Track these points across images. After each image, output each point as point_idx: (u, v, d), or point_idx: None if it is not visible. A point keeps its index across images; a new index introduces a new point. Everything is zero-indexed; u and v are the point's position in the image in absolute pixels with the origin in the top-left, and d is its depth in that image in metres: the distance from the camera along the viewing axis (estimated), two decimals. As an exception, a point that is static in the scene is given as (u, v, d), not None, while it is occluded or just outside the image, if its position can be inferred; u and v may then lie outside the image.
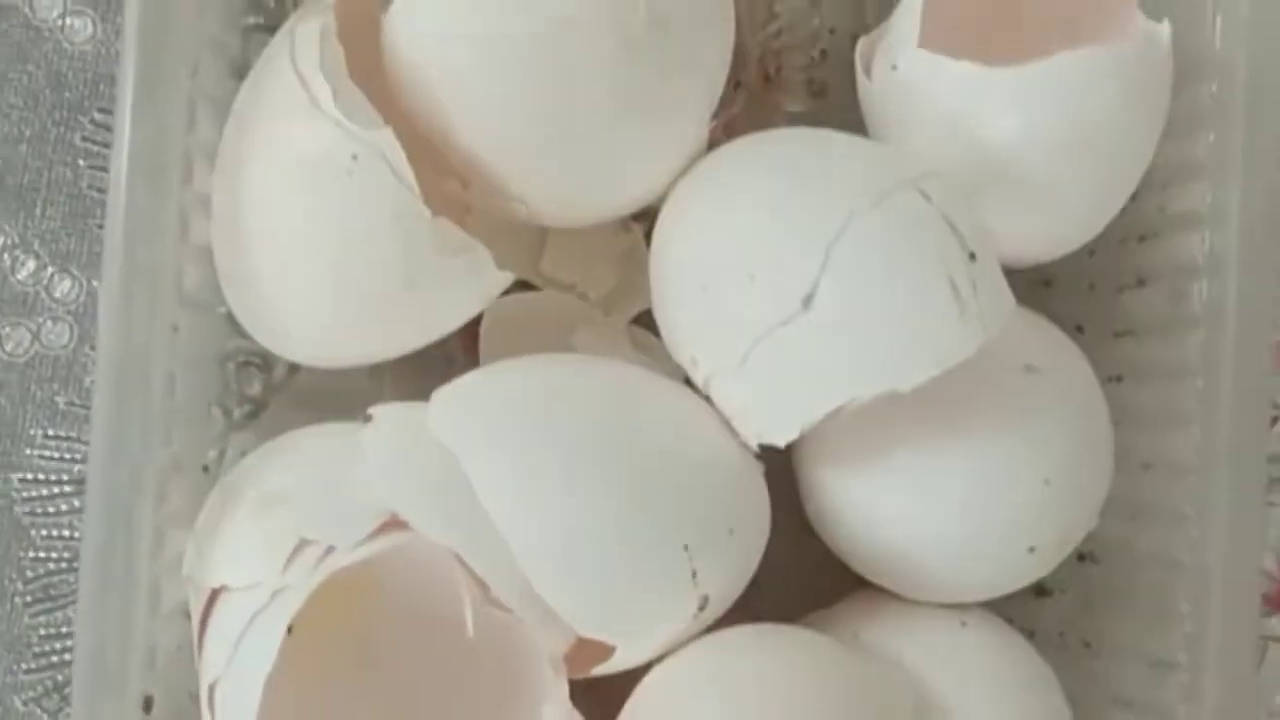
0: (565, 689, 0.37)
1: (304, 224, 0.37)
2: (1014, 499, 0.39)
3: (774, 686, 0.37)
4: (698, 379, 0.39)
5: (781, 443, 0.37)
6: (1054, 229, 0.41)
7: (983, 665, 0.40)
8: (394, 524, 0.37)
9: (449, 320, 0.39)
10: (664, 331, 0.40)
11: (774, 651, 0.39)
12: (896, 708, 0.39)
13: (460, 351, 0.42)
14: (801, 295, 0.36)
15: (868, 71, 0.41)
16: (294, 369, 0.43)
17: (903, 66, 0.40)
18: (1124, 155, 0.40)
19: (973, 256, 0.37)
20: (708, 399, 0.39)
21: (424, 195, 0.36)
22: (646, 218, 0.42)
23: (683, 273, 0.39)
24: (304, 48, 0.37)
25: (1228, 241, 0.40)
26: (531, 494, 0.36)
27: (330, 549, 0.37)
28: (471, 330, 0.41)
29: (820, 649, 0.39)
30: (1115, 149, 0.40)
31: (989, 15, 0.42)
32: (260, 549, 0.37)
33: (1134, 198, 0.42)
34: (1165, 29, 0.39)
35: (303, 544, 0.37)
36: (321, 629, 0.39)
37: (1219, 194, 0.40)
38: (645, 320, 0.43)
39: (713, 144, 0.43)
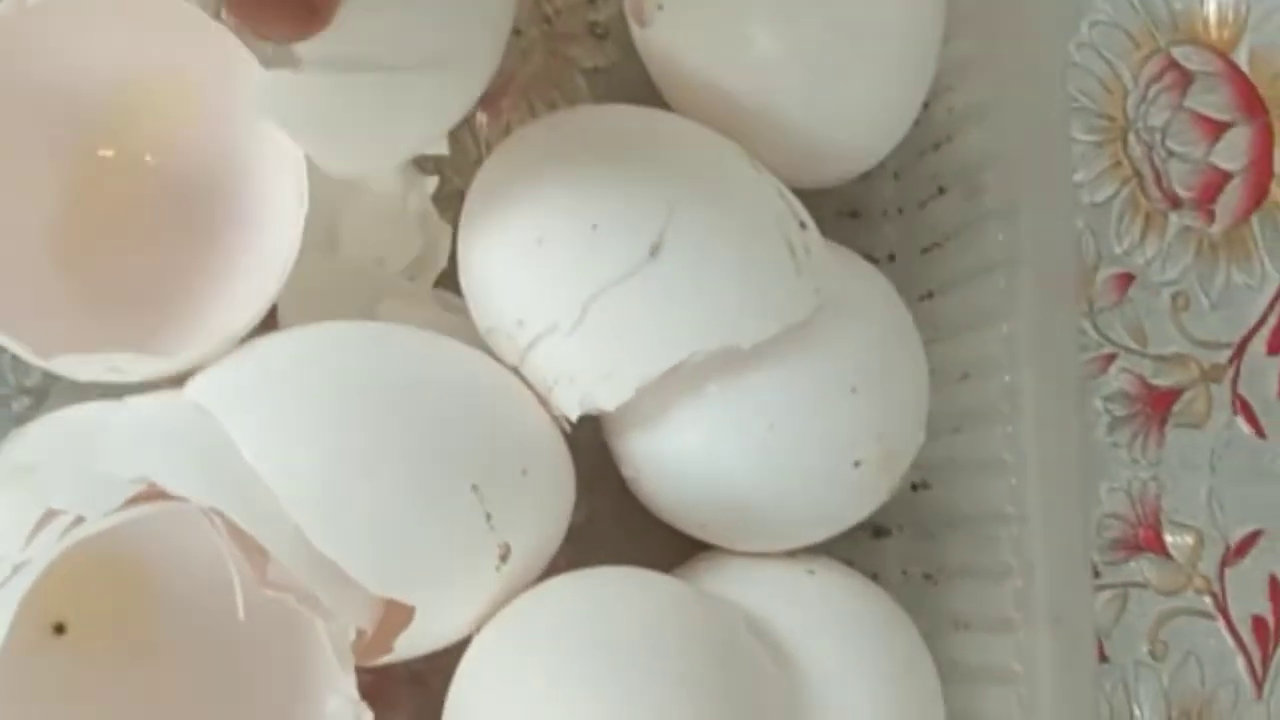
0: (352, 678, 0.35)
1: None
2: (823, 411, 0.38)
3: (627, 629, 0.36)
4: (517, 344, 0.38)
5: (612, 406, 0.37)
6: (855, 139, 0.41)
7: (835, 611, 0.40)
8: (152, 496, 0.35)
9: None
10: (478, 297, 0.39)
11: (619, 593, 0.38)
12: (754, 652, 0.38)
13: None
14: (648, 245, 0.36)
15: (639, 20, 0.41)
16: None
17: (668, 5, 0.40)
18: (907, 54, 0.41)
19: (803, 225, 0.38)
20: (517, 372, 0.38)
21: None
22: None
23: (512, 228, 0.38)
24: None
25: (1017, 130, 0.40)
26: (295, 439, 0.35)
27: (78, 519, 0.35)
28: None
29: (667, 589, 0.38)
30: (899, 46, 0.40)
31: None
32: (3, 522, 0.35)
33: (926, 106, 0.42)
34: None
35: (49, 515, 0.35)
36: (94, 628, 0.38)
37: (1002, 84, 0.40)
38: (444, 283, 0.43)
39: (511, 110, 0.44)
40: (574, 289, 0.37)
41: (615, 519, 0.42)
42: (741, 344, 0.36)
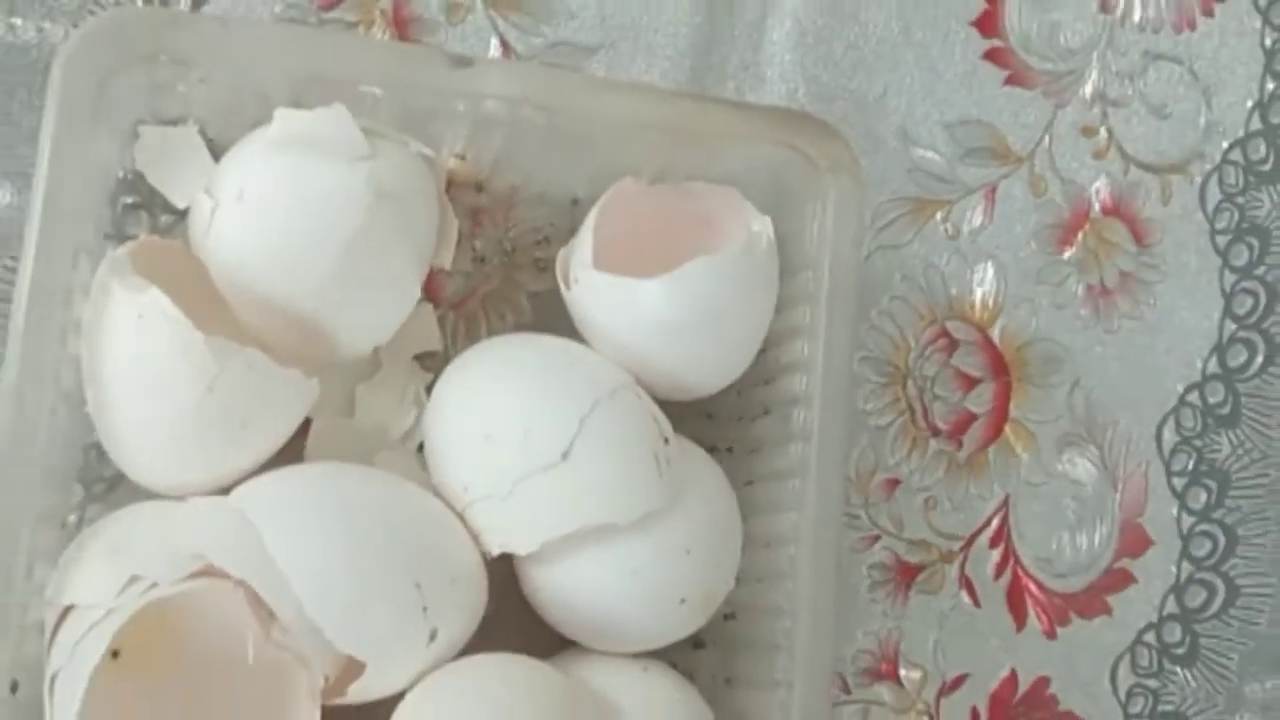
0: (318, 713, 0.44)
1: (123, 383, 0.44)
2: (666, 564, 0.47)
3: (513, 698, 0.44)
4: (461, 500, 0.47)
5: (524, 553, 0.46)
6: (706, 377, 0.51)
7: (661, 702, 0.48)
8: (207, 573, 0.43)
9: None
10: (437, 463, 0.48)
11: (510, 673, 0.46)
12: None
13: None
14: (561, 450, 0.46)
15: (565, 282, 0.50)
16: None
17: (583, 281, 0.49)
18: (746, 324, 0.50)
19: (666, 440, 0.48)
20: (459, 515, 0.47)
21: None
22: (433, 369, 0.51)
23: (467, 425, 0.47)
24: (108, 263, 0.44)
25: (815, 382, 0.49)
26: (301, 539, 0.43)
27: (153, 584, 0.42)
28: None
29: (542, 673, 0.47)
30: (739, 321, 0.50)
31: (647, 230, 0.51)
32: (103, 580, 0.42)
33: (763, 351, 0.51)
34: (768, 236, 0.49)
35: (134, 579, 0.42)
36: (146, 657, 0.44)
37: (811, 348, 0.50)
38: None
39: (472, 315, 0.53)
40: (507, 474, 0.46)
41: (514, 616, 0.49)
42: (619, 522, 0.45)
